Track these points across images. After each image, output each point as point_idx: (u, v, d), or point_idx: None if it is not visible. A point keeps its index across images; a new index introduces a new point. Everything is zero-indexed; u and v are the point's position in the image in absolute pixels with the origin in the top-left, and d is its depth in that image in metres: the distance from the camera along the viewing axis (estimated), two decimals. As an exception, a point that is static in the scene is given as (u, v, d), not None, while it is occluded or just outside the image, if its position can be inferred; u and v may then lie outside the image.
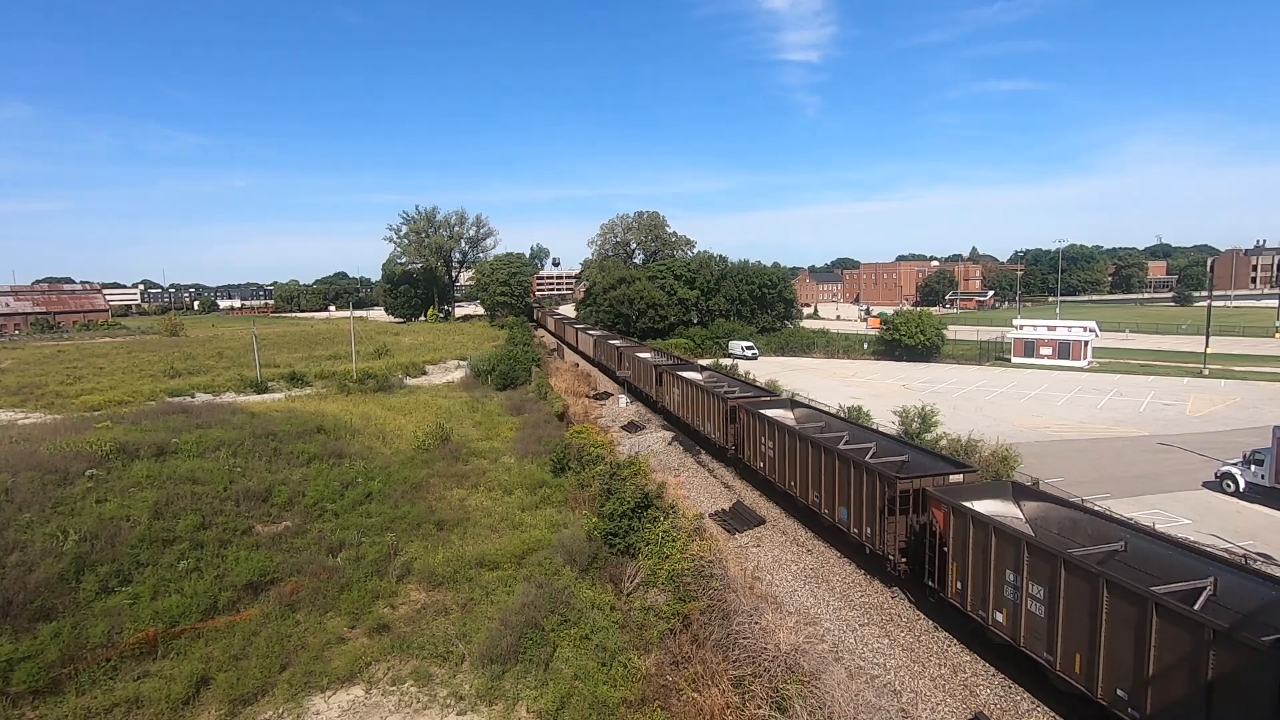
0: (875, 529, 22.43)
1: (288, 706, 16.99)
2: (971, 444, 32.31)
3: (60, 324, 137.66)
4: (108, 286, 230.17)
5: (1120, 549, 16.99)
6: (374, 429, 40.81)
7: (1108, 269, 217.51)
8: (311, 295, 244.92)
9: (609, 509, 25.15)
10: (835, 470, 24.89)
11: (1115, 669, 14.22)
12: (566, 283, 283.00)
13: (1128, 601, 13.92)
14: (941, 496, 19.69)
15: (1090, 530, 18.10)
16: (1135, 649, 13.75)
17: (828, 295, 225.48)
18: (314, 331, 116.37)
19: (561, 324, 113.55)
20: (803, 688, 15.37)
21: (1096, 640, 14.54)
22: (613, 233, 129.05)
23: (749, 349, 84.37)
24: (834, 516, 25.14)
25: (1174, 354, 75.57)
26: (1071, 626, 15.18)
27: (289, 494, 28.89)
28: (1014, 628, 16.82)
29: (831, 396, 47.61)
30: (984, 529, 17.84)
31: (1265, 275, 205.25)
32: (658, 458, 38.86)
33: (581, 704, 15.83)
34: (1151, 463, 35.57)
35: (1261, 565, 19.17)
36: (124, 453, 30.48)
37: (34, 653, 17.88)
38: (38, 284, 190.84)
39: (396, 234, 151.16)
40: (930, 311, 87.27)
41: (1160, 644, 13.29)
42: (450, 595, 22.08)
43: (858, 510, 23.43)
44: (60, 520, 24.10)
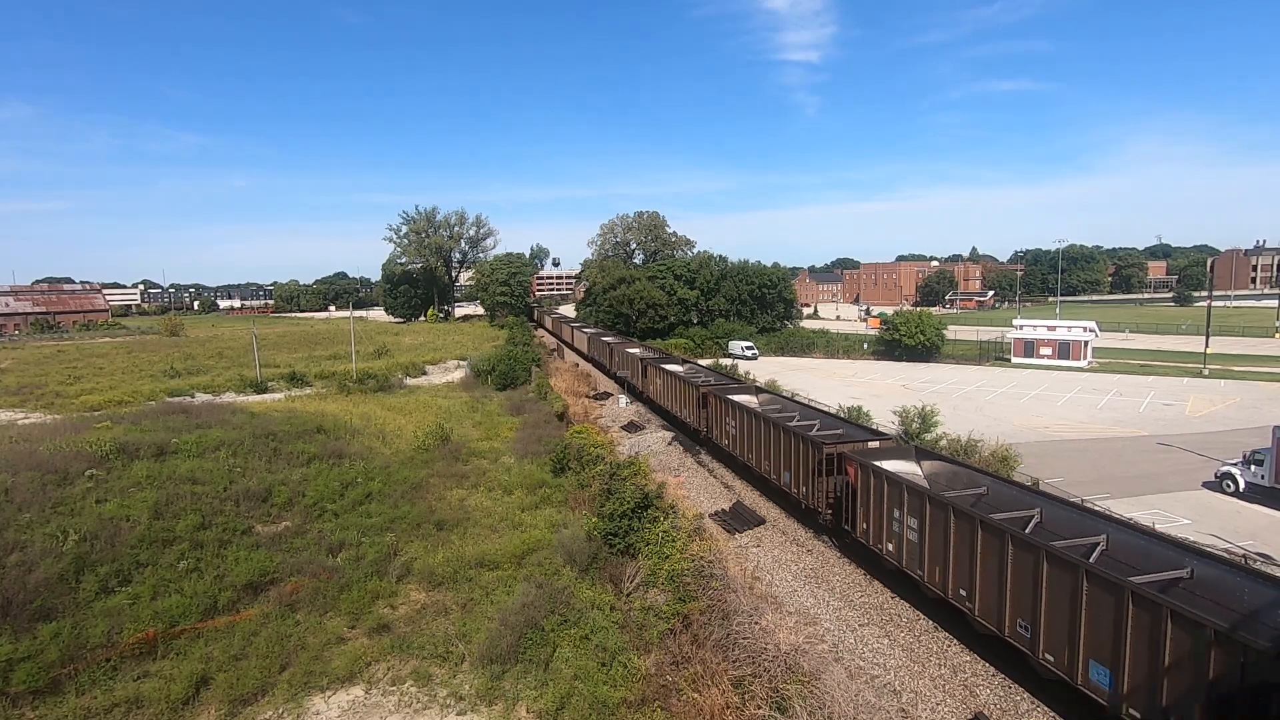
0: (809, 488, 26.72)
1: (288, 706, 16.98)
2: (971, 444, 32.31)
3: (60, 324, 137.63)
4: (108, 286, 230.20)
5: (984, 493, 21.28)
6: (374, 429, 40.81)
7: (1108, 269, 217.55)
8: (311, 295, 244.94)
9: (609, 509, 25.14)
10: (781, 441, 29.05)
11: (959, 576, 18.71)
12: (566, 283, 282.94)
13: (964, 521, 18.54)
14: (854, 456, 24.07)
15: (966, 481, 22.41)
16: (969, 558, 18.27)
17: (828, 295, 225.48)
18: (314, 331, 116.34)
19: (560, 323, 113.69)
20: (803, 688, 15.37)
21: (947, 555, 19.06)
22: (613, 233, 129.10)
23: (749, 349, 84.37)
24: (779, 480, 29.36)
25: (1174, 354, 75.58)
26: (934, 548, 19.70)
27: (289, 494, 28.89)
28: (898, 554, 21.29)
29: (831, 396, 47.61)
30: (880, 479, 22.25)
31: (1265, 275, 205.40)
32: (658, 458, 38.85)
33: (581, 704, 15.83)
34: (1151, 463, 35.57)
35: (1261, 565, 19.20)
36: (124, 453, 30.47)
37: (34, 653, 17.87)
38: (38, 284, 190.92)
39: (396, 234, 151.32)
40: (930, 311, 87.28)
41: (984, 552, 17.79)
42: (450, 595, 22.07)
43: (796, 473, 27.70)
44: (60, 520, 24.09)
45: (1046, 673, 15.87)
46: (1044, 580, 15.80)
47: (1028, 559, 16.33)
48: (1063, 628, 15.33)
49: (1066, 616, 15.21)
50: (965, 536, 18.44)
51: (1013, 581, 16.80)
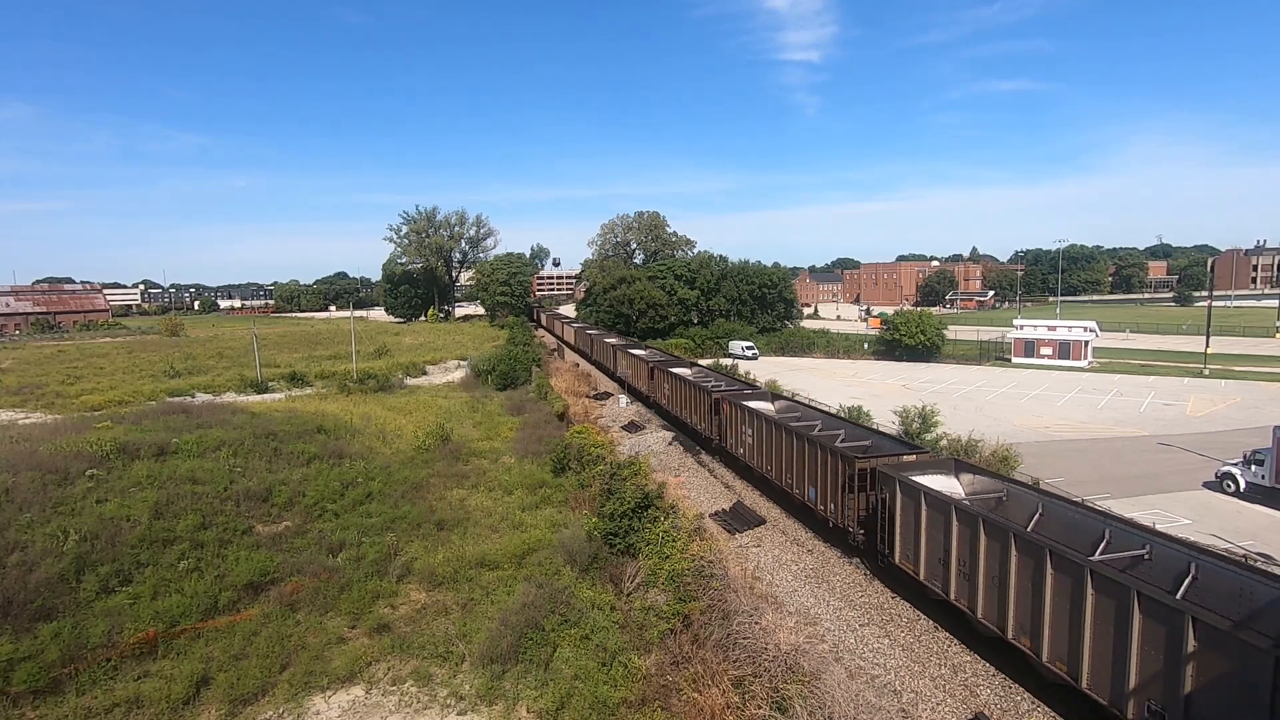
0: (838, 505, 24.70)
1: (288, 706, 16.97)
2: (972, 444, 32.30)
3: (60, 324, 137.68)
4: (108, 286, 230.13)
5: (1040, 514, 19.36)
6: (374, 429, 40.81)
7: (1108, 269, 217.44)
8: (312, 295, 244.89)
9: (609, 509, 25.14)
10: (805, 453, 27.12)
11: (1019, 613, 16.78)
12: (567, 283, 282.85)
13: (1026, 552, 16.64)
14: (890, 472, 21.96)
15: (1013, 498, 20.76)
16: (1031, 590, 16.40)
17: (828, 295, 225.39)
18: (314, 331, 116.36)
19: (561, 324, 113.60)
20: (803, 688, 15.36)
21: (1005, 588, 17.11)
22: (613, 233, 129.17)
23: (749, 349, 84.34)
24: (804, 495, 27.37)
25: (1174, 354, 75.54)
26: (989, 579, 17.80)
27: (289, 494, 28.88)
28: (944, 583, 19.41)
29: (831, 396, 47.60)
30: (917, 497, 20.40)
31: (1265, 275, 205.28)
32: (658, 458, 38.84)
33: (582, 704, 15.83)
34: (1152, 463, 35.55)
35: (1262, 565, 19.17)
36: (124, 453, 30.48)
37: (34, 653, 17.87)
38: (38, 284, 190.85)
39: (396, 234, 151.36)
40: (930, 311, 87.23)
41: (1054, 585, 15.76)
42: (450, 595, 22.07)
43: (823, 489, 25.74)
44: (60, 520, 24.09)
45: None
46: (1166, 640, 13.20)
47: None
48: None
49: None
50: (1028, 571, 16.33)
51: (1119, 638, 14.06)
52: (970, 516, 18.51)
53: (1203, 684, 12.55)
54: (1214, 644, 12.34)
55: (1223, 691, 12.21)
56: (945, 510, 19.33)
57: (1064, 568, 15.37)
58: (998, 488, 21.40)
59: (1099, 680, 14.57)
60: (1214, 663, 12.33)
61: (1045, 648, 15.82)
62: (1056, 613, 15.52)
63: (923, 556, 20.28)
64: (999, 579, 17.20)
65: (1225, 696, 12.15)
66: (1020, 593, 16.57)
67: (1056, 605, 15.52)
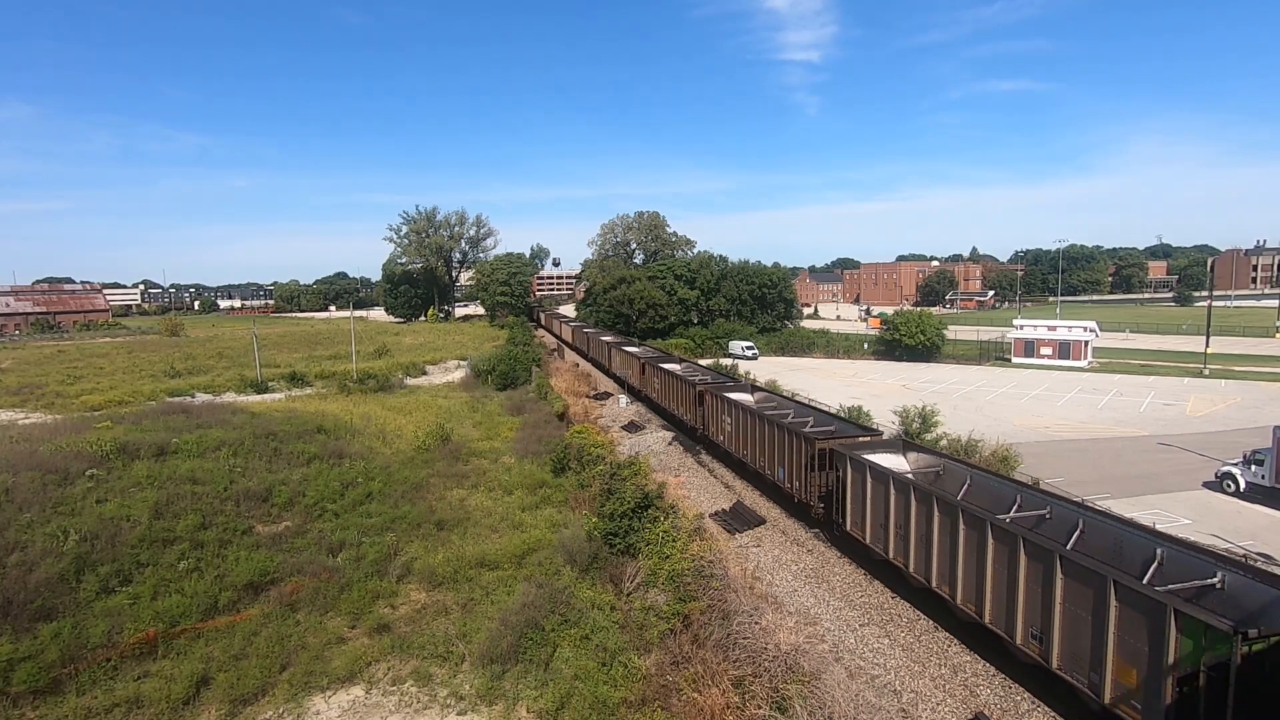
0: (802, 483, 27.37)
1: (288, 706, 16.97)
2: (972, 444, 32.30)
3: (60, 324, 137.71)
4: (108, 286, 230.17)
5: (968, 485, 22.04)
6: (374, 429, 40.82)
7: (1108, 269, 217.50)
8: (312, 295, 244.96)
9: (609, 509, 25.14)
10: (775, 438, 29.79)
11: (940, 566, 19.45)
12: (567, 283, 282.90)
13: (945, 512, 19.38)
14: (842, 450, 24.93)
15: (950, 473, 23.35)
16: (950, 547, 19.00)
17: (828, 295, 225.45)
18: (314, 331, 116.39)
19: (560, 323, 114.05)
20: (803, 688, 15.37)
21: (930, 544, 19.89)
22: (613, 233, 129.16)
23: (749, 349, 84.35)
24: (774, 475, 30.12)
25: (1174, 354, 75.57)
26: (919, 538, 20.44)
27: (289, 494, 28.88)
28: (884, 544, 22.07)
29: (831, 396, 47.60)
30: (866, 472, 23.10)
31: (1265, 275, 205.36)
32: (658, 458, 38.85)
33: (582, 704, 15.83)
34: (1152, 463, 35.56)
35: (1262, 565, 19.20)
36: (124, 453, 30.48)
37: (34, 653, 17.87)
38: (38, 284, 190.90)
39: (396, 234, 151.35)
40: (930, 311, 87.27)
41: (964, 541, 18.47)
42: (450, 595, 22.07)
43: (790, 468, 28.44)
44: (60, 520, 24.09)
45: (1029, 659, 16.55)
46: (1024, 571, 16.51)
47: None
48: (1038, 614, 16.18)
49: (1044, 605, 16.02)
50: (947, 528, 19.15)
51: (998, 575, 17.40)
52: (903, 485, 21.38)
53: (1067, 608, 15.34)
54: (1074, 575, 15.17)
55: (1079, 612, 14.99)
56: (885, 481, 22.06)
57: (973, 524, 18.21)
58: (936, 464, 24.23)
59: (997, 614, 17.46)
60: (1076, 591, 15.11)
61: (959, 592, 18.65)
62: (967, 562, 18.39)
63: (868, 523, 23.08)
64: (925, 537, 20.03)
65: (1081, 616, 14.92)
66: (941, 548, 19.37)
67: (967, 556, 18.37)
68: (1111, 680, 14.15)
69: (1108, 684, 14.21)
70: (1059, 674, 15.50)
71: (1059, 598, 15.43)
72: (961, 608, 18.61)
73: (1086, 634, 14.74)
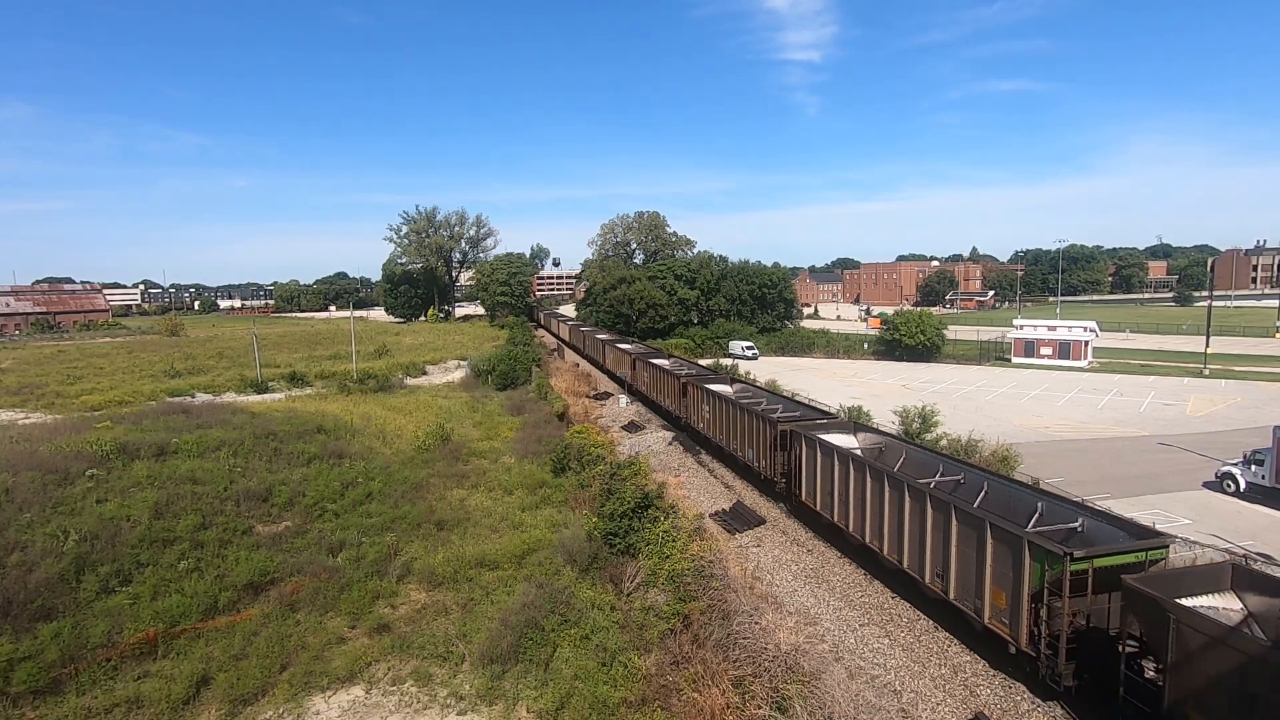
0: (768, 460, 30.61)
1: (288, 706, 16.97)
2: (972, 444, 32.27)
3: (60, 324, 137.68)
4: (108, 286, 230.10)
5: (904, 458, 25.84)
6: (374, 429, 40.81)
7: (1108, 269, 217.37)
8: (312, 295, 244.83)
9: (609, 509, 25.14)
10: (745, 422, 33.18)
11: (873, 524, 22.71)
12: (567, 283, 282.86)
13: (875, 478, 22.75)
14: (798, 430, 28.41)
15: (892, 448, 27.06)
16: (879, 507, 22.33)
17: (828, 295, 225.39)
18: (314, 331, 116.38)
19: (558, 323, 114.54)
20: (803, 688, 15.37)
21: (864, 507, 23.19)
22: (613, 233, 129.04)
23: (749, 349, 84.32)
24: (745, 456, 33.26)
25: (1174, 354, 75.54)
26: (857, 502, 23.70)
27: (289, 494, 28.88)
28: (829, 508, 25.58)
29: (831, 396, 47.59)
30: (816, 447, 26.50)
31: (1266, 275, 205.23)
32: (658, 458, 38.86)
33: (581, 704, 15.82)
34: (1152, 463, 35.55)
35: (1262, 566, 19.19)
36: (124, 453, 30.48)
37: (34, 653, 17.88)
38: (38, 284, 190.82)
39: (397, 234, 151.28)
40: (930, 311, 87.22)
41: (889, 501, 21.91)
42: (450, 595, 22.07)
43: (758, 449, 31.64)
44: (60, 520, 24.09)
45: (935, 595, 19.80)
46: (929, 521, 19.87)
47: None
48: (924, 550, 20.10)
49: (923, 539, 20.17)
50: (877, 491, 22.36)
51: (912, 527, 20.67)
52: (844, 457, 24.57)
53: (960, 549, 18.57)
54: (964, 521, 18.53)
55: (968, 551, 18.29)
56: (831, 454, 25.40)
57: (895, 487, 21.51)
58: (880, 441, 27.91)
59: (912, 560, 20.76)
60: (965, 534, 18.38)
61: (885, 545, 21.99)
62: (891, 520, 21.65)
63: (818, 492, 26.41)
64: (860, 501, 23.31)
65: (969, 554, 18.24)
66: (873, 510, 22.60)
67: (891, 515, 21.62)
68: (989, 604, 17.61)
69: (986, 607, 17.69)
70: (955, 604, 18.81)
71: (954, 541, 18.76)
72: (887, 558, 21.92)
73: (972, 569, 18.12)
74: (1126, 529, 17.33)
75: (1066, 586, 15.14)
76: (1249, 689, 11.94)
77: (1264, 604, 14.05)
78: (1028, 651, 16.36)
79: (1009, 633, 16.93)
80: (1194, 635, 12.89)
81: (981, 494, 21.25)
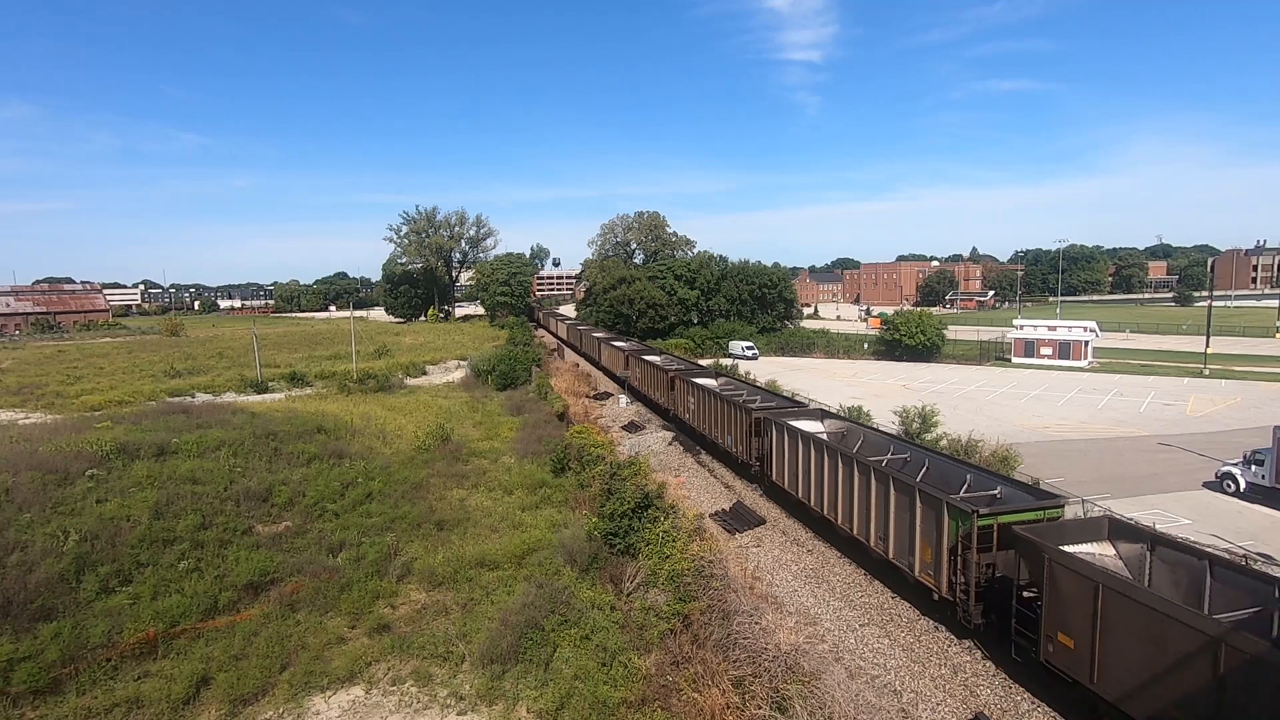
0: (744, 446, 33.48)
1: (288, 706, 16.96)
2: (972, 444, 32.26)
3: (60, 324, 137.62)
4: (108, 286, 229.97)
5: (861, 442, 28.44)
6: (374, 429, 40.80)
7: (1108, 269, 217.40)
8: (312, 295, 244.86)
9: (609, 509, 25.13)
10: (724, 411, 36.17)
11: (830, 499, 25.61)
12: (567, 283, 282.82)
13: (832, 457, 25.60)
14: (770, 417, 31.28)
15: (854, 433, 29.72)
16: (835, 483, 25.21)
17: (828, 295, 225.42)
18: (314, 331, 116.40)
19: (557, 322, 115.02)
20: (803, 688, 15.36)
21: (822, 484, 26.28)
22: (613, 233, 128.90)
23: (749, 349, 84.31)
24: (725, 443, 36.19)
25: (1174, 354, 75.54)
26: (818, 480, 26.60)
27: (289, 494, 28.87)
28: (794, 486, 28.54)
29: (831, 396, 47.59)
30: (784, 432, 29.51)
31: (1266, 275, 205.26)
32: (658, 458, 38.87)
33: (582, 704, 15.82)
34: (1152, 463, 35.54)
35: (1262, 566, 19.20)
36: (124, 453, 30.46)
37: (34, 653, 17.85)
38: (38, 284, 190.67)
39: (396, 234, 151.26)
40: (930, 311, 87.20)
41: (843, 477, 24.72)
42: (450, 595, 22.06)
43: (736, 436, 34.53)
44: (60, 520, 24.08)
45: (878, 556, 22.55)
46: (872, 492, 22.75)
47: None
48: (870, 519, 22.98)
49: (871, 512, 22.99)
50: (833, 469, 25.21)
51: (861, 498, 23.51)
52: (806, 439, 27.48)
53: (897, 515, 21.47)
54: (900, 490, 21.38)
55: (903, 515, 21.15)
56: (796, 438, 28.28)
57: (848, 464, 24.30)
58: (844, 427, 30.67)
59: (861, 528, 23.39)
60: (901, 501, 21.22)
61: (840, 515, 24.75)
62: (845, 493, 24.34)
63: (786, 472, 29.18)
64: (820, 478, 26.22)
65: (904, 518, 21.09)
66: (831, 484, 25.39)
67: (845, 489, 24.40)
68: (919, 559, 20.33)
69: (917, 562, 20.44)
70: (893, 562, 21.61)
71: (892, 508, 21.58)
72: (841, 527, 24.67)
73: (906, 530, 20.88)
74: (1033, 493, 19.96)
75: (975, 540, 18.00)
76: (1095, 609, 14.67)
77: (1131, 549, 16.95)
78: (947, 597, 19.11)
79: (933, 582, 19.66)
80: (1061, 570, 15.62)
81: (923, 469, 24.09)
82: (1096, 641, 14.59)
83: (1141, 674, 13.67)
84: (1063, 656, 15.50)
